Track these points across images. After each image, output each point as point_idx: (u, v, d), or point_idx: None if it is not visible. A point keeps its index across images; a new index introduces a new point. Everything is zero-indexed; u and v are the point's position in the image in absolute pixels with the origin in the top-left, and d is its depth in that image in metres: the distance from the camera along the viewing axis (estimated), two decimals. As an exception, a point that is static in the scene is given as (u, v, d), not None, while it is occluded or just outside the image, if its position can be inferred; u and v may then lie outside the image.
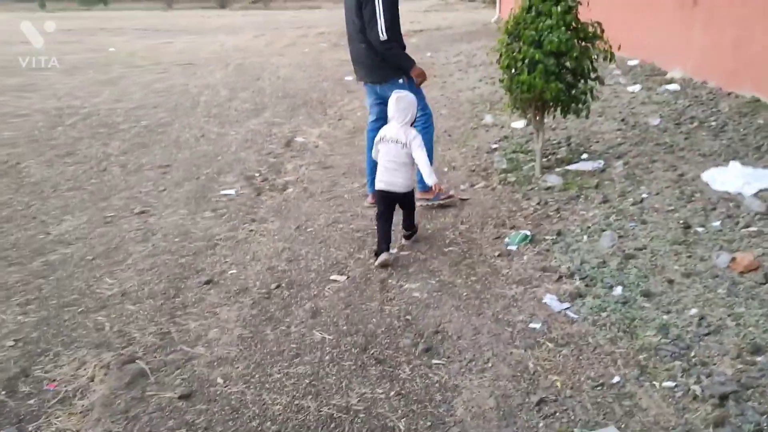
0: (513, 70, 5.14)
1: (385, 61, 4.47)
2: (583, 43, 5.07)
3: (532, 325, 3.09)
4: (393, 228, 4.05)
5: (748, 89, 7.01)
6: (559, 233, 4.15)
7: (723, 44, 7.62)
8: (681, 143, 5.80)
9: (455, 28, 22.27)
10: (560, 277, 3.55)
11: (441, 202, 4.86)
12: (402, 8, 4.57)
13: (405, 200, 4.06)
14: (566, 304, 3.25)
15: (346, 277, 3.75)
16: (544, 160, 5.67)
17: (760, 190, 4.40)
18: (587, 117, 5.25)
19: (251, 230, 4.57)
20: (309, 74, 12.36)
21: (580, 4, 5.02)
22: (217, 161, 6.39)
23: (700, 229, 3.98)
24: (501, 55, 5.27)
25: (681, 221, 4.12)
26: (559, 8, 4.87)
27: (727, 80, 7.48)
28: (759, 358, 2.64)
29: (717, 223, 4.02)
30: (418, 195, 4.77)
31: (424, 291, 3.51)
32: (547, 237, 4.13)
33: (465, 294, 3.45)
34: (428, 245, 4.17)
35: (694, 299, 3.18)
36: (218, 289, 3.66)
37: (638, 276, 3.47)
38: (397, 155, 3.92)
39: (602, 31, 5.08)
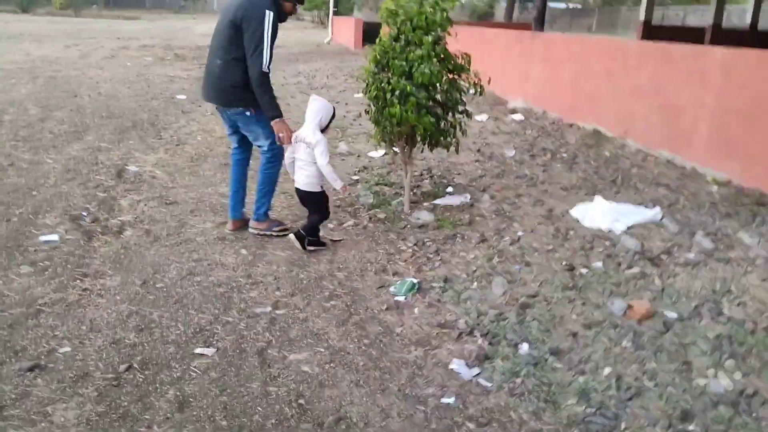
0: (380, 102, 4.81)
1: (235, 88, 4.14)
2: (451, 75, 4.89)
3: (445, 400, 2.71)
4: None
5: (587, 121, 7.35)
6: (446, 279, 3.86)
7: (561, 78, 7.97)
8: (540, 175, 5.85)
9: (288, 47, 21.84)
10: (460, 335, 3.23)
11: (274, 233, 4.51)
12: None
13: (306, 198, 4.26)
14: (476, 370, 2.92)
15: (215, 349, 3.12)
16: (410, 193, 5.41)
17: (629, 227, 4.46)
18: (457, 152, 5.07)
19: (85, 289, 3.74)
20: (135, 91, 11.22)
21: (449, 35, 4.84)
22: (32, 197, 5.33)
23: (584, 271, 3.90)
24: (368, 86, 4.93)
25: (564, 262, 4.02)
26: (429, 38, 4.63)
27: (567, 112, 7.82)
28: (690, 427, 2.49)
29: (599, 264, 3.96)
30: (251, 224, 4.52)
31: (314, 363, 3.00)
32: (434, 284, 3.81)
33: (362, 364, 2.99)
34: (306, 299, 3.66)
35: (603, 355, 3.00)
36: (48, 377, 2.85)
37: (540, 330, 3.24)
38: (303, 154, 4.10)
39: (470, 63, 4.93)
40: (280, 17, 4.13)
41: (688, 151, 5.82)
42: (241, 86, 4.10)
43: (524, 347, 3.08)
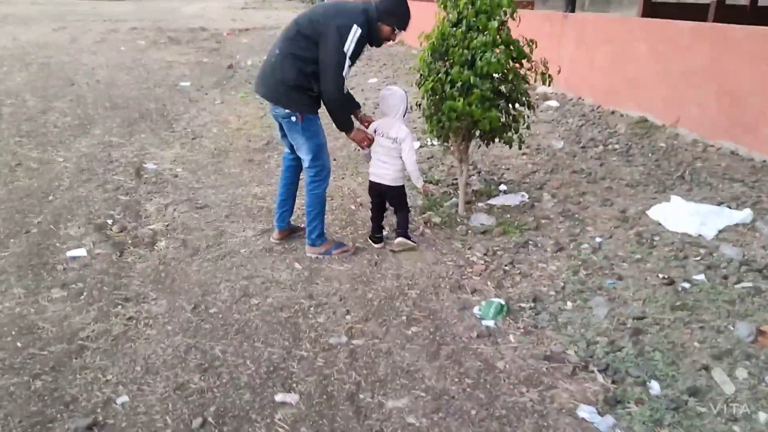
0: (437, 95, 4.35)
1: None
2: (514, 64, 4.43)
3: (588, 461, 2.30)
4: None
5: (630, 108, 6.92)
6: (535, 299, 3.43)
7: (598, 62, 7.52)
8: (597, 170, 5.43)
9: (282, 29, 21.11)
10: (574, 371, 2.82)
11: (335, 255, 4.00)
12: (217, 4, 3.70)
13: (390, 194, 4.04)
14: (610, 418, 2.51)
15: (297, 394, 2.68)
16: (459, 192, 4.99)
17: (720, 231, 4.06)
18: (520, 147, 4.62)
19: (129, 318, 3.28)
20: (135, 78, 10.64)
21: (513, 19, 4.37)
22: (48, 203, 4.83)
23: (686, 285, 3.49)
24: (422, 76, 4.46)
25: (660, 275, 3.60)
26: (495, 23, 4.17)
27: (605, 98, 7.38)
28: None
29: (701, 277, 3.56)
30: (308, 249, 4.01)
31: (419, 412, 2.57)
32: (522, 305, 3.39)
33: (474, 412, 2.57)
34: (383, 326, 3.23)
35: (751, 396, 2.60)
36: (110, 438, 2.41)
37: (666, 363, 2.84)
38: (388, 150, 3.90)
39: (533, 50, 4.47)
40: (372, 39, 3.65)
41: (755, 141, 5.42)
42: (291, 86, 3.61)
43: (655, 386, 2.68)
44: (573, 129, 6.66)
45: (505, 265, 3.85)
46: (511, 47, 4.32)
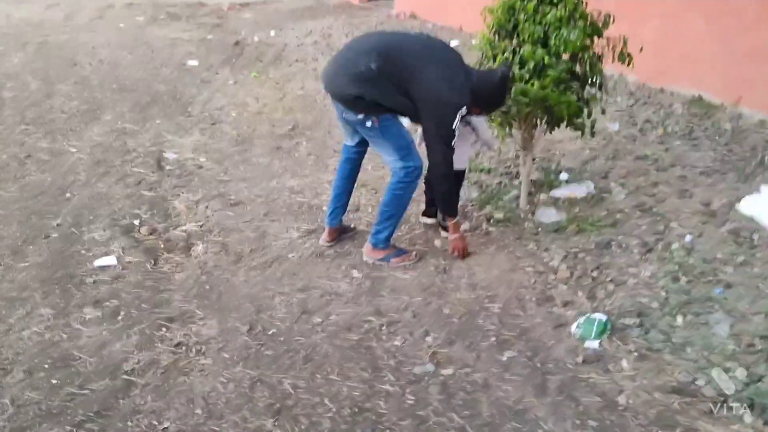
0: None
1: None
2: (588, 41, 3.96)
3: None
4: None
5: (682, 86, 6.44)
6: (639, 313, 3.00)
7: (645, 37, 6.99)
8: (663, 156, 4.96)
9: (285, 1, 20.41)
10: (713, 407, 2.39)
11: (395, 263, 3.52)
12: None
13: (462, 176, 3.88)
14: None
15: (396, 445, 2.26)
16: (516, 182, 4.55)
17: (827, 229, 3.62)
18: (592, 135, 4.16)
19: (178, 344, 2.83)
20: (139, 57, 10.05)
21: (588, -9, 3.88)
22: (66, 201, 4.36)
23: (807, 295, 3.06)
24: (484, 56, 3.98)
25: (773, 282, 3.18)
26: (571, -6, 3.69)
27: (651, 75, 6.87)
28: None
29: (824, 286, 3.13)
30: (366, 251, 3.55)
31: (548, 469, 2.15)
32: (626, 321, 2.96)
33: (613, 468, 2.15)
34: (471, 350, 2.80)
35: None
36: None
37: (820, 396, 2.42)
38: (464, 135, 3.67)
39: (607, 25, 4.00)
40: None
41: (835, 123, 4.96)
42: (362, 98, 3.16)
43: (817, 428, 2.26)
44: (624, 109, 6.18)
45: (592, 271, 3.42)
46: (586, 23, 3.85)
